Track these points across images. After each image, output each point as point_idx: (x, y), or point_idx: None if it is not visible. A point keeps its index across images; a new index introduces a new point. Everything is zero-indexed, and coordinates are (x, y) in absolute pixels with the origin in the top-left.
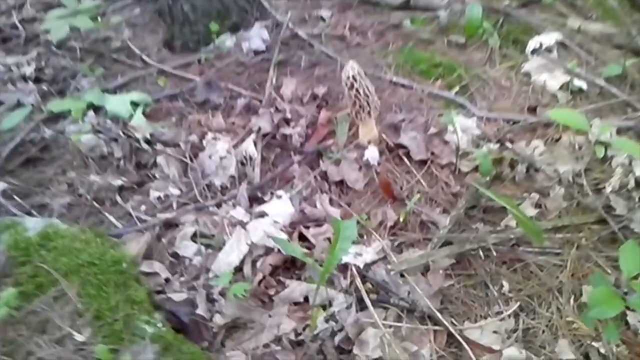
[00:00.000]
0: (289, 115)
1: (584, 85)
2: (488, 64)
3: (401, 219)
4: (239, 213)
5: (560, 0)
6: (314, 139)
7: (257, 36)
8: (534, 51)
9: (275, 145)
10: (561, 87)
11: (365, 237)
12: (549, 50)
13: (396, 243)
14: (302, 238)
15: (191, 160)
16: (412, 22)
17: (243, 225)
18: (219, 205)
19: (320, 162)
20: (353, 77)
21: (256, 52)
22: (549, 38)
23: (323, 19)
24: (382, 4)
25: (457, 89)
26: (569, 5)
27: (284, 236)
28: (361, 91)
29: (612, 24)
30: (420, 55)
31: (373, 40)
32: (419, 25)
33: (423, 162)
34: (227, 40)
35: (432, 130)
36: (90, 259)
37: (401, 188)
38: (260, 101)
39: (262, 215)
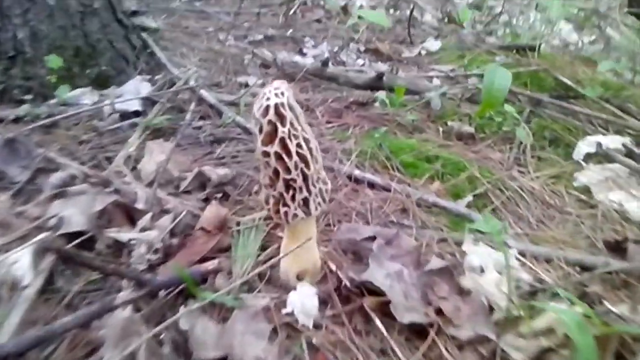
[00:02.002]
0: (140, 205)
1: None
2: (516, 167)
3: None
4: None
5: (607, 100)
6: (182, 258)
7: (131, 93)
8: (587, 157)
9: (87, 261)
10: None
11: None
12: (608, 157)
13: None
14: None
15: None
16: (390, 102)
17: None
18: None
19: (182, 308)
20: (277, 111)
21: (124, 116)
22: (611, 141)
23: (247, 86)
24: (341, 80)
25: (468, 198)
26: (617, 107)
27: None
28: (292, 147)
29: None
30: (401, 142)
31: (323, 120)
32: (397, 107)
33: (418, 332)
34: (85, 97)
35: (435, 263)
36: None
37: None
38: (95, 179)
39: None
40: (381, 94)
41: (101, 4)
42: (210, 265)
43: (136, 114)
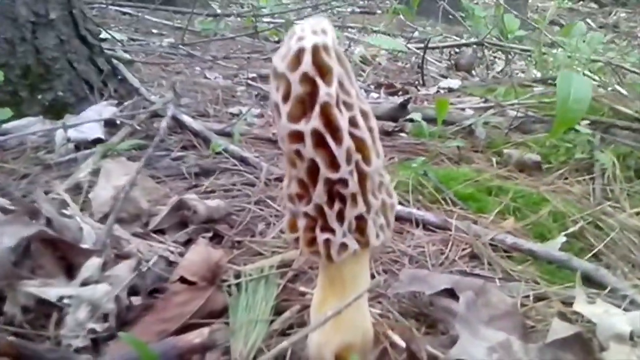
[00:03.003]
0: (86, 245)
1: None
2: (605, 202)
3: None
4: None
5: None
6: (148, 327)
7: (92, 118)
8: None
9: None
10: None
11: None
12: None
13: None
14: None
15: None
16: (420, 133)
17: None
18: None
19: None
20: (316, 59)
21: (81, 146)
22: None
23: (238, 115)
24: None
25: (560, 239)
26: None
27: None
28: (342, 122)
29: None
30: (451, 171)
31: None
32: (432, 137)
33: None
34: (34, 127)
35: (559, 329)
36: None
37: None
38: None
39: None
40: (416, 115)
41: (59, 15)
42: (194, 338)
43: (97, 143)
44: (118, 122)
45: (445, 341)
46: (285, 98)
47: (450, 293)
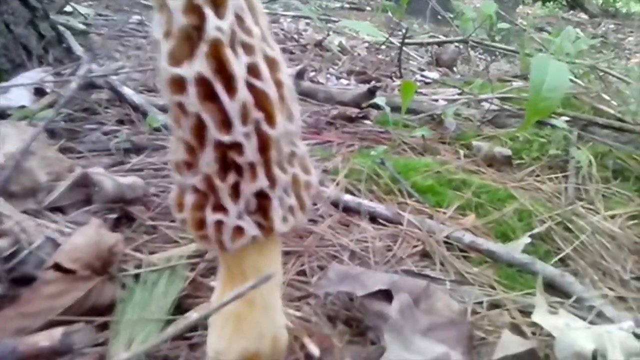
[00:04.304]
0: None
1: None
2: (578, 202)
3: None
4: None
5: None
6: (1, 323)
7: (21, 85)
8: None
9: None
10: None
11: None
12: None
13: None
14: None
15: None
16: (386, 121)
17: None
18: None
19: None
20: None
21: (6, 115)
22: None
23: None
24: (320, 96)
25: (524, 240)
26: None
27: None
28: (237, 66)
29: None
30: (411, 161)
31: None
32: (398, 125)
33: None
34: None
35: (510, 344)
36: None
37: None
38: None
39: None
40: (380, 101)
41: None
42: (42, 340)
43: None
44: (49, 90)
45: (374, 353)
46: (167, 34)
47: (388, 295)
